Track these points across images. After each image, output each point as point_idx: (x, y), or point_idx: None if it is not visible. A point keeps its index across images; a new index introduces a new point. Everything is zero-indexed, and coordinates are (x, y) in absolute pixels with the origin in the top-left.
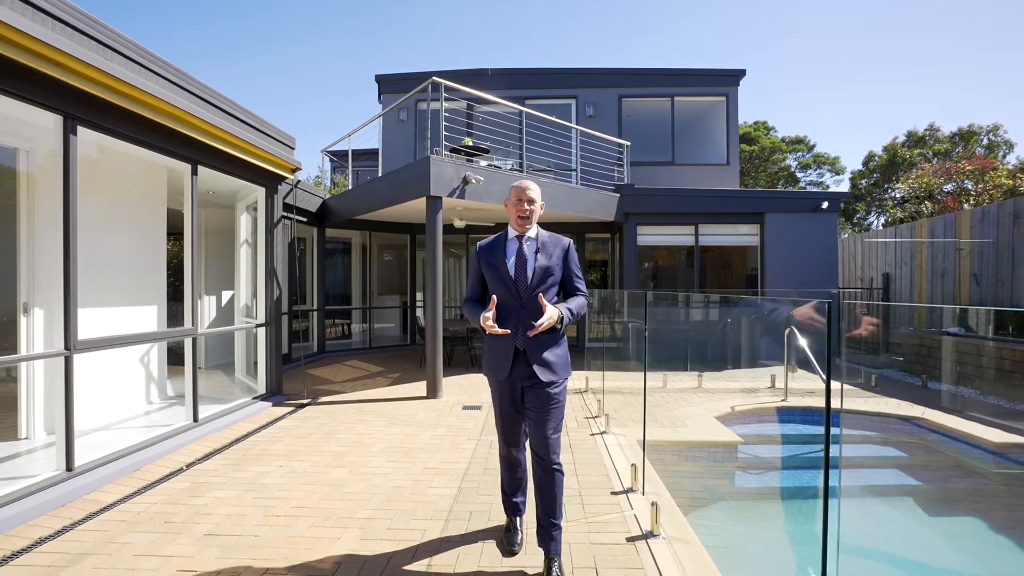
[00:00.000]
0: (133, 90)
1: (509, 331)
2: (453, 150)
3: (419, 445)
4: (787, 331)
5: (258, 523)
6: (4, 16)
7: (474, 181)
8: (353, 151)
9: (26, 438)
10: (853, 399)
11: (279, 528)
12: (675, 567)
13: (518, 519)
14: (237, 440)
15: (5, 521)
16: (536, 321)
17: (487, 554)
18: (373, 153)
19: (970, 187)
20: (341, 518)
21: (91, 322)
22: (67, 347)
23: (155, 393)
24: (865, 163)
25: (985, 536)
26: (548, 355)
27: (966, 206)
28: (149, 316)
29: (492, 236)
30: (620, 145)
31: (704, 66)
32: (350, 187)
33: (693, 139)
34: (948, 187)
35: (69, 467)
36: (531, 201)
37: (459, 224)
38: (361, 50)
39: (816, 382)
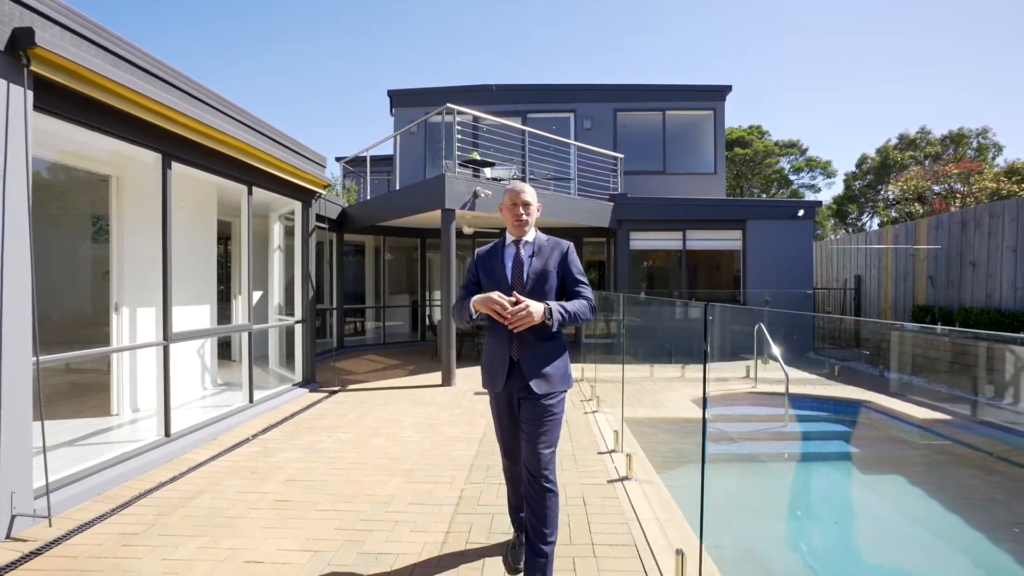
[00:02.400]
0: (214, 131)
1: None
2: (462, 164)
3: (440, 421)
4: (756, 328)
5: (323, 473)
6: (124, 80)
7: (483, 195)
8: (362, 158)
9: (117, 414)
10: (816, 386)
11: (341, 476)
12: (641, 497)
13: (524, 535)
14: (287, 418)
15: (131, 471)
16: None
17: (501, 494)
18: (381, 159)
19: (960, 188)
20: (387, 470)
21: (189, 316)
22: (165, 338)
23: (208, 381)
24: (858, 165)
25: (904, 488)
26: (544, 366)
27: (955, 207)
28: (205, 314)
29: (490, 243)
30: (614, 158)
31: (694, 82)
32: (361, 192)
33: (683, 150)
34: (937, 189)
35: (167, 433)
36: (525, 204)
37: (468, 231)
38: (360, 49)
39: (779, 372)
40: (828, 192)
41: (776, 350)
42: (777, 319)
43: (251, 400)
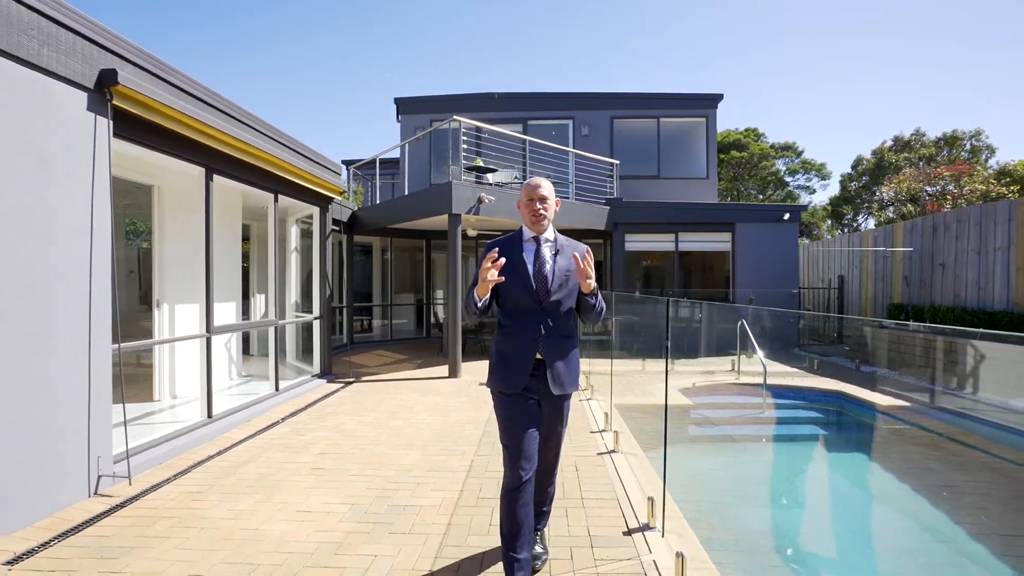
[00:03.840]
0: (249, 147)
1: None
2: (467, 169)
3: (450, 407)
4: (739, 324)
5: (351, 448)
6: (181, 107)
7: (487, 201)
8: (369, 161)
9: (158, 400)
10: (795, 379)
11: (367, 450)
12: (626, 466)
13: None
14: (310, 404)
15: (183, 446)
16: (558, 312)
17: None
18: (387, 162)
19: (953, 189)
20: (407, 445)
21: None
22: (207, 331)
23: (234, 372)
24: (854, 166)
25: (860, 462)
26: (565, 366)
27: (946, 208)
28: (232, 311)
29: (503, 235)
30: (611, 163)
31: (688, 89)
32: (368, 196)
33: (677, 155)
34: (931, 190)
35: (210, 415)
36: (543, 199)
37: (471, 233)
38: (359, 49)
39: (759, 365)
40: (823, 193)
41: (755, 343)
42: (761, 317)
43: (277, 388)
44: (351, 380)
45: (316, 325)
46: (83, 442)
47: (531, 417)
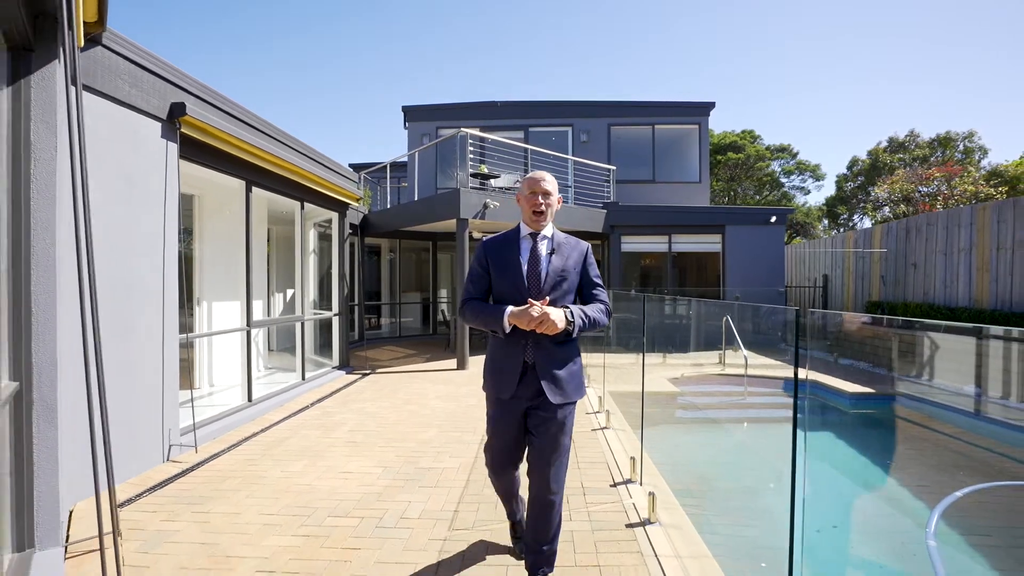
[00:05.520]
0: (283, 162)
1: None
2: (472, 175)
3: (460, 394)
4: (724, 320)
5: (376, 427)
6: (230, 130)
7: (492, 206)
8: (377, 165)
9: (198, 388)
10: (776, 370)
11: (389, 428)
12: (616, 440)
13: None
14: (334, 392)
15: (230, 424)
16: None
17: None
18: (394, 165)
19: (944, 190)
20: (424, 424)
21: (236, 311)
22: (247, 324)
23: (261, 364)
24: (849, 167)
25: (829, 441)
26: (560, 372)
27: (939, 208)
28: (258, 308)
29: (501, 232)
30: (607, 169)
31: (682, 98)
32: (376, 199)
33: (671, 160)
34: (925, 190)
35: (250, 399)
36: (546, 194)
37: (476, 235)
38: (359, 49)
39: (741, 358)
40: (818, 194)
41: (739, 338)
42: (748, 314)
43: (303, 378)
44: (367, 372)
45: (335, 321)
46: (158, 417)
47: (518, 425)
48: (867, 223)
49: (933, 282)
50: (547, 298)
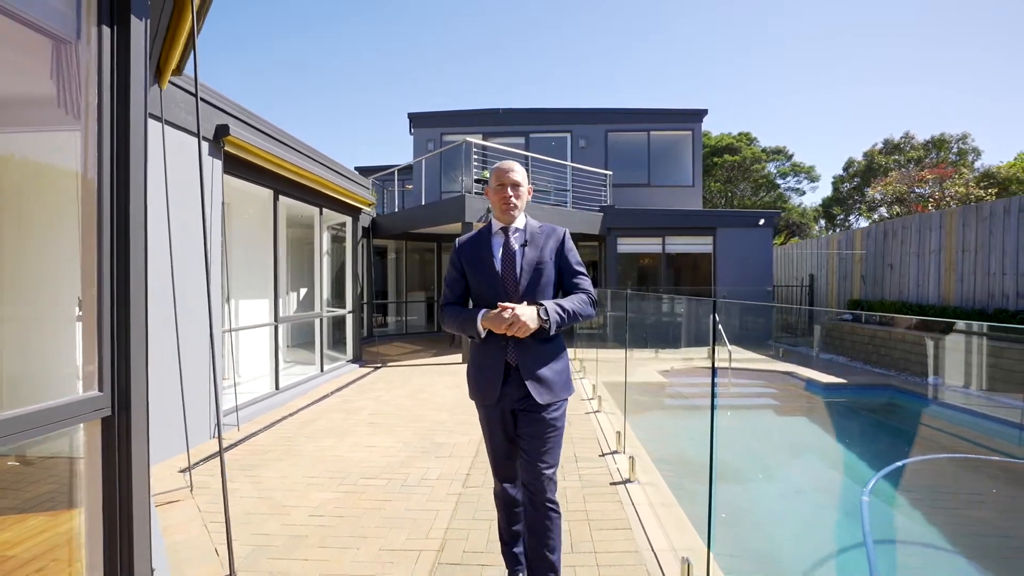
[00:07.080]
0: (307, 172)
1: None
2: (475, 180)
3: (466, 384)
4: (711, 317)
5: (393, 411)
6: (264, 147)
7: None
8: (381, 168)
9: (227, 379)
10: (761, 363)
11: (405, 411)
12: (607, 421)
13: (521, 574)
14: (350, 382)
15: (261, 409)
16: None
17: None
18: (400, 168)
19: (938, 193)
20: (436, 408)
21: (260, 308)
22: (275, 320)
23: (281, 357)
24: (845, 168)
25: (803, 426)
26: (545, 371)
27: (930, 208)
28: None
29: (474, 231)
30: (604, 174)
31: (677, 105)
32: (384, 202)
33: (665, 165)
34: (920, 191)
35: (277, 387)
36: (515, 185)
37: None
38: (359, 50)
39: (735, 353)
40: (814, 195)
41: (724, 335)
42: (737, 313)
43: (322, 370)
44: (379, 365)
45: (348, 318)
46: (206, 399)
47: (506, 431)
48: (862, 224)
49: (907, 282)
50: (523, 299)
